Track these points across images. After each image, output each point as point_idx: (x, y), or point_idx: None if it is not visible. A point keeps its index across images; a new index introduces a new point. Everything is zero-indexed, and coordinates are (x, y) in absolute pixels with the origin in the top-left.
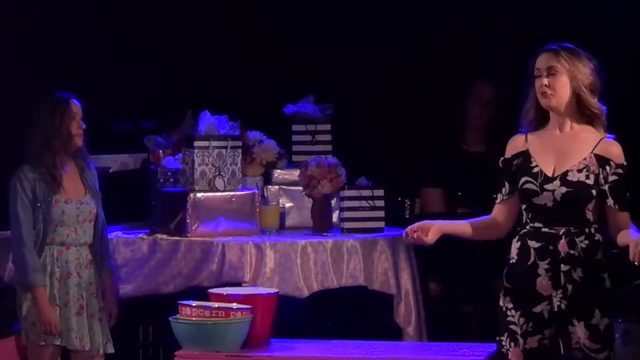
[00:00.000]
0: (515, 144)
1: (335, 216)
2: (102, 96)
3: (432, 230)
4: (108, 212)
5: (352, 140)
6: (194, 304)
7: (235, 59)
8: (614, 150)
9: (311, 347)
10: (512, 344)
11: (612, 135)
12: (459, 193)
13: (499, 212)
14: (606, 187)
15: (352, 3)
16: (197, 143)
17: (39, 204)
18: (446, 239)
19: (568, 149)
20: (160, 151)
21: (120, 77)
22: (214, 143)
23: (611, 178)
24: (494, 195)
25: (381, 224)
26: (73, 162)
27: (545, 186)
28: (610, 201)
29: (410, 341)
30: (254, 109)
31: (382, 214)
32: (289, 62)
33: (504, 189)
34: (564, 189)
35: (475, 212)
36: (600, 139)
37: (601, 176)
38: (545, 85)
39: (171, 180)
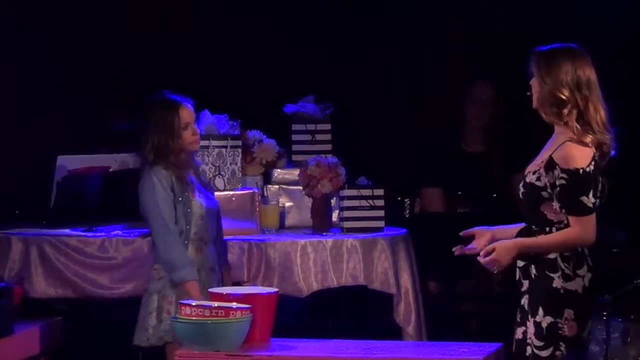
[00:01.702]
0: None
1: (335, 215)
2: (103, 96)
3: (484, 237)
4: (108, 212)
5: (352, 140)
6: (193, 303)
7: (236, 59)
8: (562, 155)
9: (311, 346)
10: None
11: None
12: (459, 193)
13: None
14: (553, 191)
15: (351, 3)
16: None
17: (180, 199)
18: (445, 238)
19: (544, 150)
20: None
21: (120, 76)
22: (214, 142)
23: (558, 182)
24: (494, 195)
25: (381, 224)
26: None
27: (520, 184)
28: (556, 204)
29: (410, 340)
30: (254, 109)
31: (382, 213)
32: (289, 62)
33: None
34: (522, 189)
35: (474, 211)
36: (562, 143)
37: (547, 180)
38: (530, 86)
39: None
